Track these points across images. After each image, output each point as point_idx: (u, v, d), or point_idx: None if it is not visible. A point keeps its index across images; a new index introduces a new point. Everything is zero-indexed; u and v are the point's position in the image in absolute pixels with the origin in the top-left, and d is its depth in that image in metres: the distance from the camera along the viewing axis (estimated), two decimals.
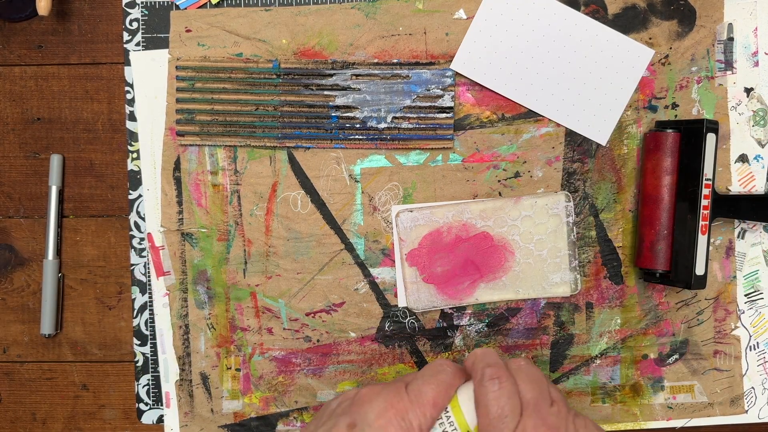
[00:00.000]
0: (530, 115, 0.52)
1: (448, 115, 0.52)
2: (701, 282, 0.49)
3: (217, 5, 0.52)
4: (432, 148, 0.53)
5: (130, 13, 0.53)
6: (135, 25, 0.53)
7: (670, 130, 0.50)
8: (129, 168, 0.54)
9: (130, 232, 0.54)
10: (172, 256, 0.53)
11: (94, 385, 0.55)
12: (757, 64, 0.52)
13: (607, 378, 0.54)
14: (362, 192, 0.53)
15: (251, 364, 0.54)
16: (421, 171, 0.53)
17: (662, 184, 0.50)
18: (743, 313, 0.53)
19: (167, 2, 0.53)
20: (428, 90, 0.52)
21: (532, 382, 0.39)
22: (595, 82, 0.52)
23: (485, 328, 0.53)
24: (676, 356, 0.53)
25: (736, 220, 0.53)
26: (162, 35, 0.53)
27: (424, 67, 0.52)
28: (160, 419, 0.55)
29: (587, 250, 0.53)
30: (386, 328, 0.54)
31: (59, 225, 0.54)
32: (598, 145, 0.53)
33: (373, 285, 0.53)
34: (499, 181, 0.53)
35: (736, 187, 0.53)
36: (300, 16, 0.52)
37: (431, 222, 0.52)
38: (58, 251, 0.54)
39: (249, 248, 0.53)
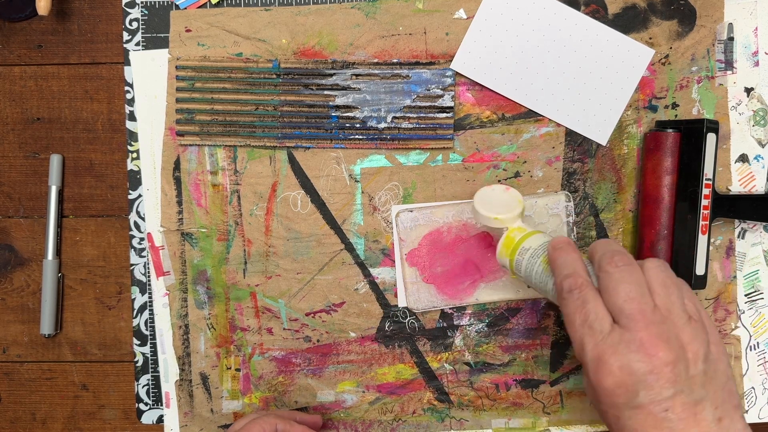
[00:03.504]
0: (530, 115, 0.52)
1: (448, 114, 0.52)
2: (701, 282, 0.49)
3: (217, 5, 0.52)
4: (432, 148, 0.53)
5: (129, 13, 0.53)
6: (135, 24, 0.53)
7: (670, 130, 0.50)
8: (129, 168, 0.54)
9: (130, 232, 0.54)
10: (172, 256, 0.53)
11: (94, 385, 0.55)
12: (757, 63, 0.52)
13: None
14: (362, 192, 0.53)
15: (251, 364, 0.54)
16: (421, 171, 0.53)
17: (662, 184, 0.50)
18: (743, 313, 0.53)
19: (167, 2, 0.53)
20: (428, 90, 0.52)
21: (664, 286, 0.38)
22: (595, 82, 0.52)
23: (485, 328, 0.53)
24: None
25: (736, 220, 0.53)
26: (162, 35, 0.53)
27: (424, 67, 0.52)
28: (160, 419, 0.55)
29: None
30: (386, 328, 0.54)
31: (59, 225, 0.54)
32: (598, 145, 0.53)
33: (373, 285, 0.53)
34: (499, 181, 0.53)
35: (737, 187, 0.53)
36: (300, 15, 0.52)
37: (431, 222, 0.52)
38: (58, 251, 0.54)
39: (249, 248, 0.53)
